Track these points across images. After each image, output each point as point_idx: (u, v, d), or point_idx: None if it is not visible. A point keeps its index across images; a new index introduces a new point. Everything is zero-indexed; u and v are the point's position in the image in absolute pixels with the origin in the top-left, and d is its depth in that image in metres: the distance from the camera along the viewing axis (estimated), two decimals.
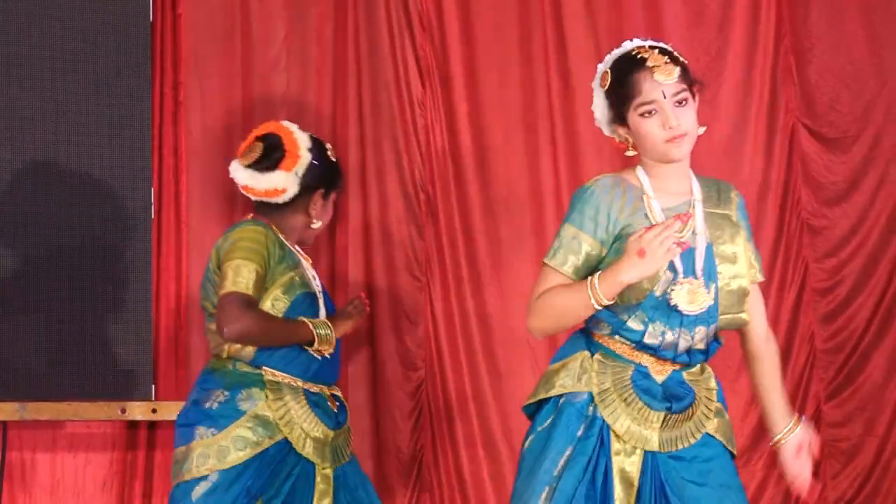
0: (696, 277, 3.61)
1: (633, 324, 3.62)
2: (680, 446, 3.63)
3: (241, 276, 4.16)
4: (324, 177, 4.39)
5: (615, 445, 3.61)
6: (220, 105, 5.51)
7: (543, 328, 3.69)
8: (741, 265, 3.68)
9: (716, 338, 3.72)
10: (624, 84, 3.63)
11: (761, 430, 5.67)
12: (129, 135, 5.26)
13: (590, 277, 3.56)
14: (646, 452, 3.61)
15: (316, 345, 4.24)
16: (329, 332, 4.26)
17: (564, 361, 3.71)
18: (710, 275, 3.63)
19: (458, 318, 5.56)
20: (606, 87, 3.68)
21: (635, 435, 3.60)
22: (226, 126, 5.48)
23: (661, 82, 3.61)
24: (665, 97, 3.60)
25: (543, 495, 3.57)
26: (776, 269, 5.73)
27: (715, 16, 5.80)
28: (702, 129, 3.69)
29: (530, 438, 3.70)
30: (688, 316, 3.60)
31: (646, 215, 3.64)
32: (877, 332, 5.73)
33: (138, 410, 5.20)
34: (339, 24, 5.60)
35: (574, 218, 3.65)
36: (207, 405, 4.18)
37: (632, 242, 3.49)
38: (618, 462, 3.60)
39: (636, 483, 3.60)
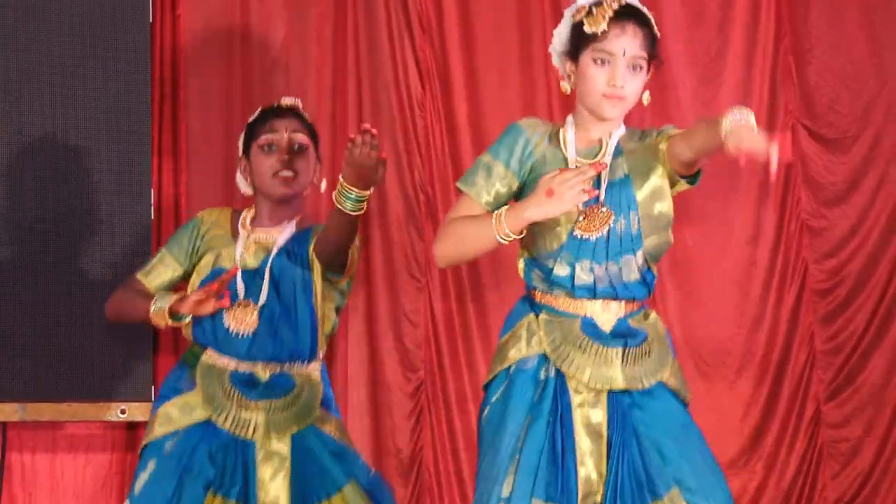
0: (599, 204, 3.63)
1: (560, 269, 3.65)
2: (646, 384, 3.61)
3: (148, 262, 4.37)
4: (242, 140, 4.41)
5: (577, 398, 3.60)
6: (220, 105, 5.50)
7: (447, 255, 3.73)
8: (662, 191, 3.67)
9: (648, 268, 3.70)
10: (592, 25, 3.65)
11: (761, 430, 5.68)
12: (130, 135, 5.26)
13: (497, 211, 3.60)
14: (609, 401, 3.59)
15: (153, 318, 4.18)
16: (160, 304, 4.16)
17: (513, 330, 3.73)
18: (630, 204, 3.63)
19: (457, 319, 5.56)
20: (577, 20, 3.69)
21: (600, 378, 3.60)
22: (226, 126, 5.48)
23: (627, 41, 3.62)
24: (623, 55, 3.63)
25: (510, 474, 3.53)
26: (776, 270, 5.74)
27: (715, 16, 5.80)
28: (646, 98, 3.70)
29: (486, 411, 3.68)
30: (612, 247, 3.62)
31: (563, 154, 3.67)
32: (877, 332, 5.74)
33: (138, 411, 5.20)
34: (339, 25, 5.60)
35: (492, 147, 3.73)
36: (164, 381, 4.31)
37: (543, 181, 3.54)
38: (582, 414, 3.59)
39: (605, 433, 3.58)
